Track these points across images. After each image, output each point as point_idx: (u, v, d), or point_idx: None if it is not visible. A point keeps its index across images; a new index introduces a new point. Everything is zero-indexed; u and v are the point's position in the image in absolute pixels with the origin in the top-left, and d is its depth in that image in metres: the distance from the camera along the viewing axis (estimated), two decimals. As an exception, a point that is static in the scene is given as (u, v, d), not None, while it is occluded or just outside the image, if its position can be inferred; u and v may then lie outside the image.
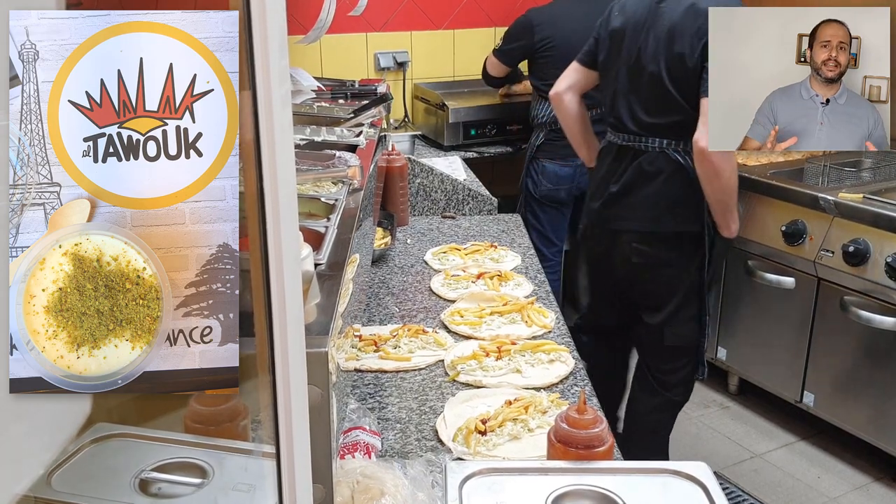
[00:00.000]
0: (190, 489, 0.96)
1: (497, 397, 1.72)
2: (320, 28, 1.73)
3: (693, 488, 1.25)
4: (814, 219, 3.22)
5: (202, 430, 0.98)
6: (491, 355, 1.88)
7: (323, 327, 0.95)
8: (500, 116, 4.03)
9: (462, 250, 2.62)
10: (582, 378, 1.84)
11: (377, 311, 2.21)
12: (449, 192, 3.31)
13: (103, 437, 0.96)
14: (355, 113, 1.77)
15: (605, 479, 1.26)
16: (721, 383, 3.96)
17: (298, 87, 1.85)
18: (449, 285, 2.34)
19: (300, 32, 1.89)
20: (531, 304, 2.15)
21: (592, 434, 1.32)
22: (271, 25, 0.69)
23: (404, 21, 4.22)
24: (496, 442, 1.57)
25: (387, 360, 1.91)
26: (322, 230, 1.18)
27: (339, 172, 1.40)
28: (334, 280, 1.07)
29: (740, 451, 3.48)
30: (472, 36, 4.37)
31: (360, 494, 1.30)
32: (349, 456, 1.46)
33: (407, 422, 1.68)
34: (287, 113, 0.72)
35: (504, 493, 1.24)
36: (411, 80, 4.29)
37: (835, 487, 3.19)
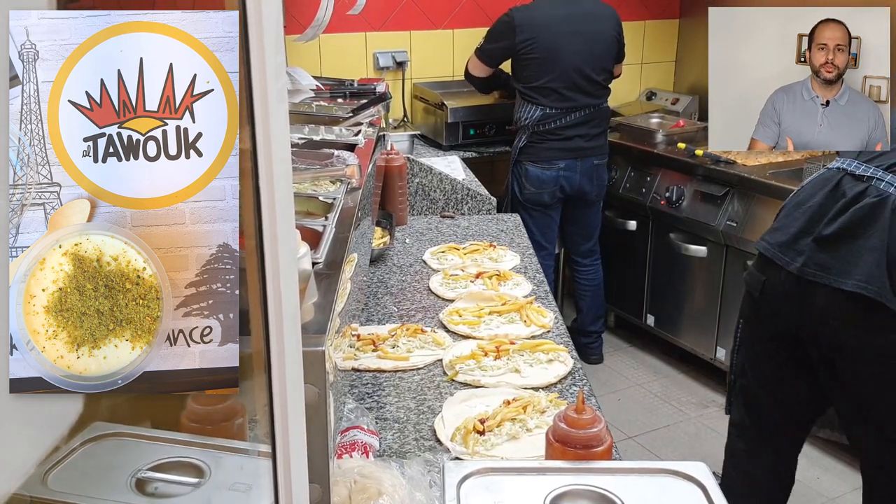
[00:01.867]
0: (186, 488, 0.96)
1: (495, 397, 1.72)
2: (318, 26, 1.73)
3: (692, 488, 1.25)
4: (812, 219, 3.23)
5: (199, 430, 0.98)
6: (489, 355, 1.88)
7: (320, 326, 0.95)
8: (499, 116, 4.03)
9: (461, 250, 2.62)
10: (580, 378, 1.84)
11: (375, 311, 2.22)
12: (448, 191, 3.31)
13: (99, 436, 0.96)
14: (354, 112, 1.77)
15: (603, 478, 1.26)
16: (720, 383, 3.96)
17: (297, 86, 1.86)
18: (447, 285, 2.34)
19: (298, 31, 1.89)
20: (530, 303, 2.15)
21: (591, 434, 1.32)
22: (267, 20, 0.68)
23: (403, 20, 4.22)
24: (494, 442, 1.57)
25: (385, 360, 1.91)
26: (320, 229, 1.18)
27: (337, 171, 1.40)
28: (332, 279, 1.07)
29: (738, 451, 3.47)
30: (472, 36, 4.36)
31: (357, 494, 1.30)
32: (347, 455, 1.46)
33: (405, 421, 1.68)
34: (283, 108, 0.72)
35: (502, 493, 1.24)
36: (410, 80, 4.29)
37: (834, 487, 3.19)
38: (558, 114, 3.66)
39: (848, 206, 2.04)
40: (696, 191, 3.82)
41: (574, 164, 3.73)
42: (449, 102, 3.95)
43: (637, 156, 4.13)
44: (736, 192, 3.62)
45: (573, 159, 3.72)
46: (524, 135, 3.72)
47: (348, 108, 1.79)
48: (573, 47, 3.59)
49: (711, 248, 3.77)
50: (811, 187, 2.20)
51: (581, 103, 3.68)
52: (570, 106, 3.67)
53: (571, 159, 3.72)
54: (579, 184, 3.78)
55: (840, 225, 2.04)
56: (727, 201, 3.65)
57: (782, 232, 2.20)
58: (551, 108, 3.65)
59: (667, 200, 3.91)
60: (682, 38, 4.88)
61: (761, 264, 2.26)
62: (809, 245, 2.10)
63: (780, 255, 2.17)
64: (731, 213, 3.62)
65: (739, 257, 3.62)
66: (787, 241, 2.16)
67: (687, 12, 4.80)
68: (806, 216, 2.14)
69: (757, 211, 3.51)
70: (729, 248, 3.68)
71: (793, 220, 2.18)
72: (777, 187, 3.42)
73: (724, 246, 3.70)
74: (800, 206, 2.18)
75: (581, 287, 4.11)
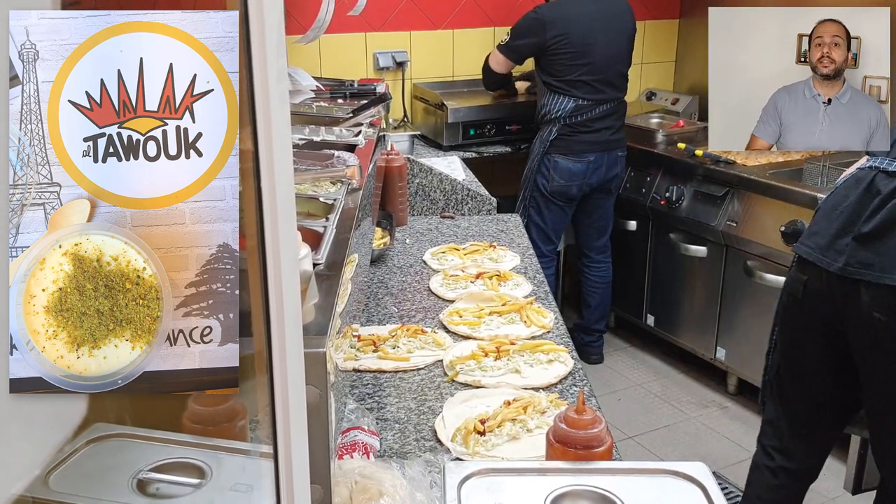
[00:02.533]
0: (188, 489, 0.96)
1: (496, 397, 1.72)
2: (319, 27, 1.73)
3: (692, 488, 1.25)
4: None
5: (200, 431, 0.98)
6: (490, 355, 1.88)
7: (321, 327, 0.95)
8: (500, 116, 4.04)
9: (461, 250, 2.62)
10: (581, 378, 1.84)
11: (376, 311, 2.21)
12: (448, 192, 3.31)
13: (101, 437, 0.96)
14: (354, 113, 1.77)
15: (603, 479, 1.26)
16: (720, 383, 3.97)
17: (297, 86, 1.85)
18: (448, 285, 2.34)
19: (299, 32, 1.89)
20: (530, 304, 2.15)
21: (591, 434, 1.32)
22: (269, 21, 0.68)
23: (403, 21, 4.22)
24: (495, 442, 1.57)
25: (385, 361, 1.91)
26: (320, 230, 1.18)
27: (337, 172, 1.40)
28: (333, 280, 1.07)
29: (739, 451, 3.48)
30: (472, 36, 4.37)
31: (358, 495, 1.30)
32: (347, 456, 1.46)
33: (405, 422, 1.68)
34: (285, 111, 0.72)
35: (502, 494, 1.24)
36: (410, 80, 4.29)
37: (834, 487, 3.19)
38: (590, 105, 3.73)
39: (884, 202, 2.07)
40: (696, 191, 3.82)
41: (602, 157, 3.81)
42: (449, 103, 3.95)
43: (637, 156, 4.13)
44: (736, 192, 3.62)
45: (602, 152, 3.80)
46: (553, 127, 3.75)
47: (348, 108, 1.79)
48: (604, 42, 3.69)
49: (711, 248, 3.77)
50: (844, 189, 2.22)
51: (610, 96, 3.77)
52: (601, 98, 3.75)
53: (600, 152, 3.80)
54: (605, 176, 3.85)
55: (878, 222, 2.07)
56: (727, 201, 3.65)
57: (821, 235, 2.22)
58: (584, 99, 3.71)
59: (667, 200, 3.91)
60: (682, 38, 4.88)
61: (802, 267, 2.29)
62: (850, 244, 2.13)
63: (820, 257, 2.20)
64: (731, 213, 3.62)
65: (739, 257, 3.62)
66: (826, 243, 2.19)
67: (687, 12, 4.80)
68: (843, 217, 2.16)
69: (757, 211, 3.51)
70: (729, 248, 3.68)
71: (830, 221, 2.21)
72: (777, 187, 3.42)
73: (724, 246, 3.70)
74: (835, 209, 2.21)
75: (591, 284, 4.12)
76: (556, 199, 3.84)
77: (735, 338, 3.75)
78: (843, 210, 2.18)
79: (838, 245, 2.16)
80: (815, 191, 3.27)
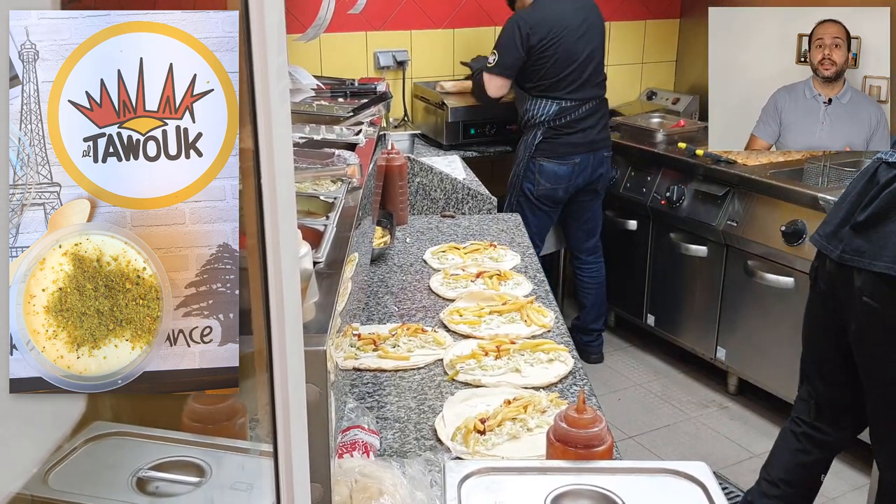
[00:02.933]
0: (188, 488, 0.96)
1: (496, 397, 1.72)
2: (319, 25, 1.73)
3: (692, 488, 1.25)
4: (813, 219, 3.22)
5: (200, 429, 0.98)
6: (490, 354, 1.88)
7: (321, 326, 0.95)
8: (500, 116, 4.03)
9: (461, 249, 2.62)
10: (581, 377, 1.84)
11: (376, 310, 2.22)
12: (448, 191, 3.31)
13: (100, 435, 0.96)
14: (355, 111, 1.77)
15: (604, 478, 1.26)
16: (720, 383, 3.96)
17: (298, 85, 1.85)
18: (448, 284, 2.34)
19: (299, 30, 1.89)
20: (530, 303, 2.15)
21: (591, 433, 1.32)
22: (269, 20, 0.69)
23: (404, 20, 4.22)
24: (495, 441, 1.57)
25: (385, 359, 1.91)
26: (321, 228, 1.18)
27: (338, 171, 1.40)
28: (333, 278, 1.07)
29: (740, 451, 3.48)
30: (472, 35, 4.37)
31: (358, 493, 1.30)
32: (347, 455, 1.46)
33: (406, 421, 1.68)
34: (285, 109, 0.72)
35: (503, 493, 1.24)
36: (411, 79, 4.29)
37: (834, 487, 3.19)
38: (573, 106, 3.72)
39: (881, 191, 2.12)
40: (696, 190, 3.82)
41: (588, 158, 3.80)
42: (449, 102, 3.95)
43: (637, 155, 4.13)
44: (736, 192, 3.62)
45: (587, 153, 3.79)
46: (538, 131, 3.73)
47: (349, 107, 1.79)
48: (586, 39, 3.68)
49: (712, 248, 3.77)
50: (855, 180, 2.29)
51: (591, 95, 3.77)
52: (583, 97, 3.74)
53: (586, 153, 3.78)
54: (590, 176, 3.84)
55: (872, 210, 2.12)
56: (727, 201, 3.65)
57: (829, 223, 2.30)
58: (566, 100, 3.70)
59: (667, 200, 3.91)
60: (682, 37, 4.88)
61: (816, 255, 2.37)
62: (847, 232, 2.21)
63: (825, 245, 2.27)
64: (732, 213, 3.62)
65: (740, 257, 3.62)
66: (831, 231, 2.28)
67: (687, 12, 4.80)
68: (847, 206, 2.23)
69: (757, 211, 3.51)
70: (729, 247, 3.68)
71: (837, 211, 2.28)
72: (777, 187, 3.42)
73: (725, 246, 3.70)
74: (844, 199, 2.28)
75: (585, 285, 4.11)
76: (543, 204, 3.82)
77: (735, 338, 3.75)
78: (848, 200, 2.24)
79: (841, 234, 2.24)
80: (816, 191, 3.27)
